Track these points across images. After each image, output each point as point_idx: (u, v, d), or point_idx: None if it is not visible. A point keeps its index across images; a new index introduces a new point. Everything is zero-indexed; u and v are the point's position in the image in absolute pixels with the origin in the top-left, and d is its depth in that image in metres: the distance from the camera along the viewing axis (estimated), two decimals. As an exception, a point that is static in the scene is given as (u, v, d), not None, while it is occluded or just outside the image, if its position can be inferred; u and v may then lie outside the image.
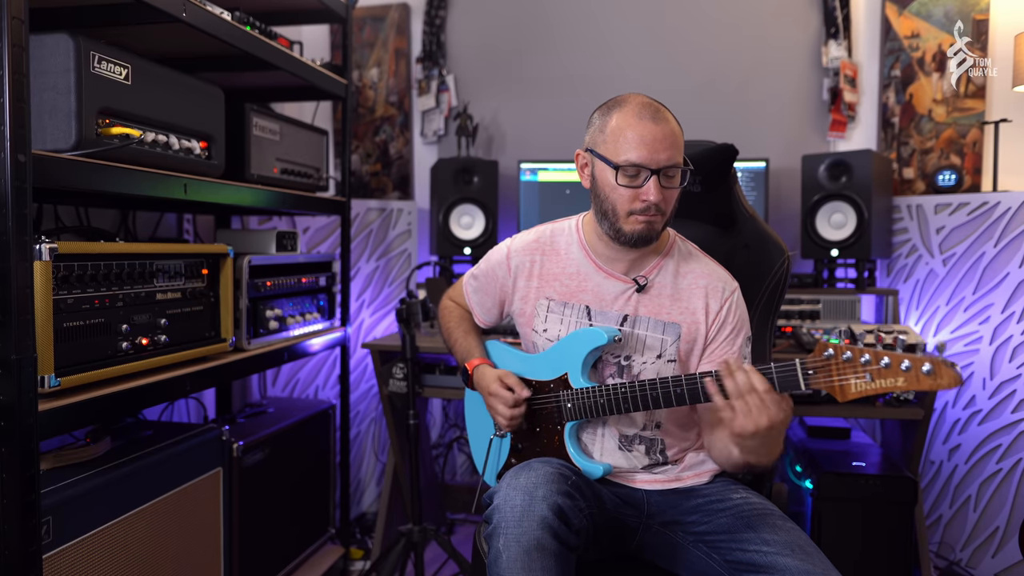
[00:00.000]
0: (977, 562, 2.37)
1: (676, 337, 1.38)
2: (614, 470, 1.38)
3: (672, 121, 1.31)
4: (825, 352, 1.11)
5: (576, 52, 2.95)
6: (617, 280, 1.40)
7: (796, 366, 1.14)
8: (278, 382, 2.91)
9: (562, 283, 1.44)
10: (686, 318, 1.38)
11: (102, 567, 1.43)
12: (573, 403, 1.37)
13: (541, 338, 1.45)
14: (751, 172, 2.58)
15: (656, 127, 1.28)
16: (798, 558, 1.17)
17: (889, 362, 1.04)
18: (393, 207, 2.92)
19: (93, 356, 1.39)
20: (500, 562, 1.13)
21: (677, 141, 1.30)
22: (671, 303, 1.39)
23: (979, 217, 2.37)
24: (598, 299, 1.41)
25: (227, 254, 1.80)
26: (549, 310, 1.44)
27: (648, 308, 1.39)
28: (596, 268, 1.42)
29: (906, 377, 1.03)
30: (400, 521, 2.55)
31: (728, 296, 1.39)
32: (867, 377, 1.07)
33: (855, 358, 1.07)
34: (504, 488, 1.20)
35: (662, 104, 1.33)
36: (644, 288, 1.39)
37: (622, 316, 1.39)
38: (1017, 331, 2.29)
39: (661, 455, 1.41)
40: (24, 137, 1.13)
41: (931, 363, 1.01)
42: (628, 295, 1.40)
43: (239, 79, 2.14)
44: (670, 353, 1.38)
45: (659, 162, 1.27)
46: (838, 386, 1.10)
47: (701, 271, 1.41)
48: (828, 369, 1.10)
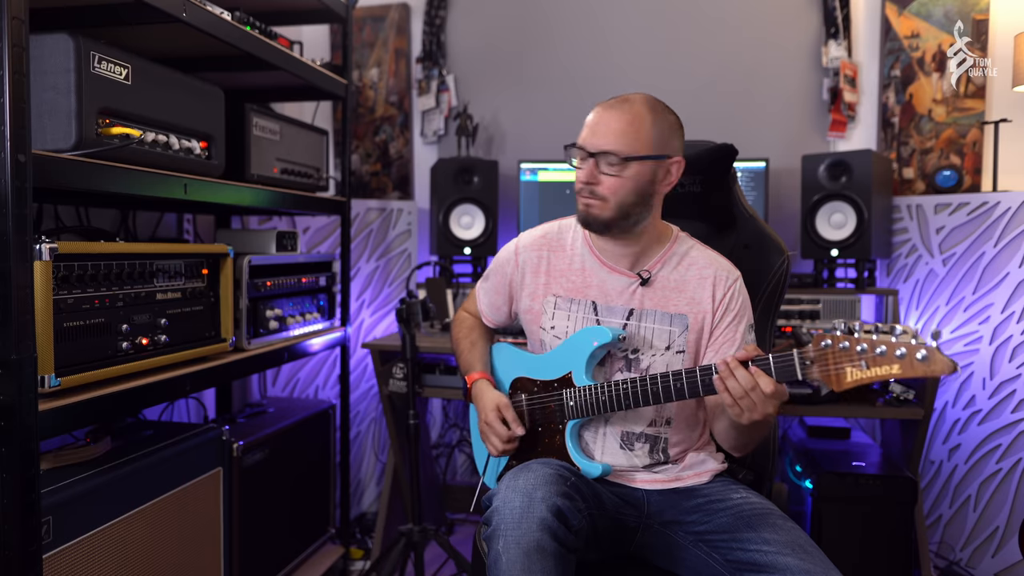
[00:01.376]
0: (977, 562, 2.37)
1: (684, 328, 1.38)
2: (614, 470, 1.39)
3: (630, 114, 1.32)
4: (822, 343, 1.11)
5: (576, 52, 2.95)
6: (621, 275, 1.42)
7: (794, 356, 1.15)
8: (278, 382, 2.91)
9: (568, 279, 1.45)
10: (692, 308, 1.39)
11: (102, 567, 1.43)
12: (575, 401, 1.37)
13: (549, 335, 1.46)
14: (751, 172, 2.58)
15: (606, 113, 1.33)
16: (798, 557, 1.17)
17: (884, 350, 1.05)
18: (393, 207, 2.92)
19: (93, 356, 1.39)
20: (500, 564, 1.13)
21: (623, 130, 1.31)
22: (676, 295, 1.40)
23: (979, 217, 2.37)
24: (604, 294, 1.42)
25: (227, 254, 1.80)
26: (556, 307, 1.45)
27: (654, 301, 1.40)
28: (600, 263, 1.43)
29: (901, 364, 1.04)
30: (400, 521, 2.55)
31: (732, 284, 1.41)
32: (863, 365, 1.07)
33: (851, 347, 1.08)
34: (503, 490, 1.21)
35: (660, 102, 1.36)
36: (648, 281, 1.40)
37: (628, 310, 1.40)
38: (1017, 331, 2.29)
39: (663, 454, 1.41)
40: (24, 137, 1.13)
41: (926, 350, 1.02)
42: (633, 289, 1.41)
43: (239, 79, 2.14)
44: (679, 344, 1.39)
45: (596, 146, 1.32)
46: (834, 375, 1.10)
47: (705, 261, 1.43)
48: (824, 359, 1.11)
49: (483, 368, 1.55)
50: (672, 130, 1.37)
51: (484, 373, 1.53)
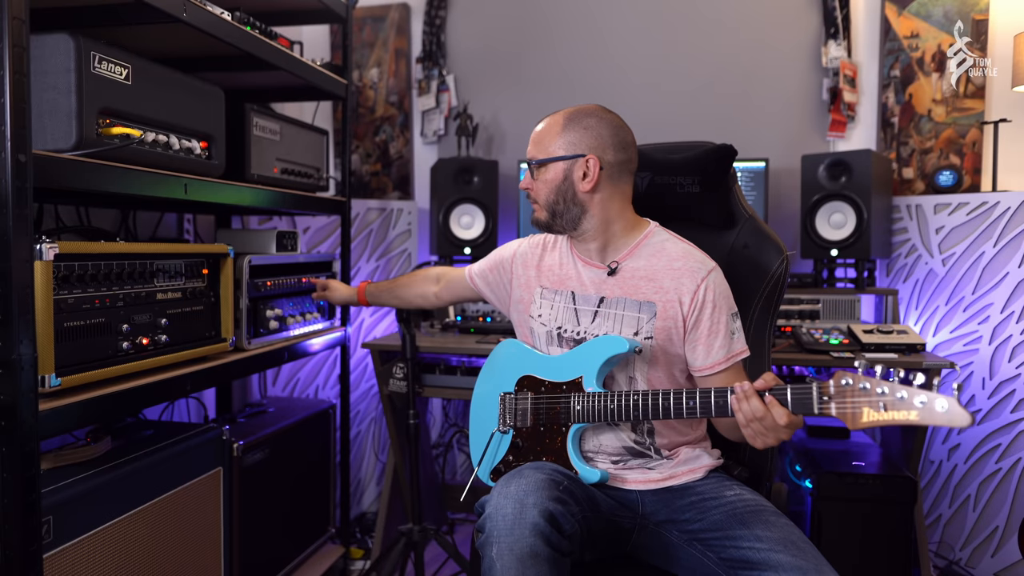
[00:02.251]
0: (977, 561, 2.37)
1: (652, 315, 1.42)
2: (610, 476, 1.40)
3: (546, 123, 1.48)
4: (843, 381, 1.10)
5: (576, 52, 2.96)
6: (593, 267, 1.50)
7: (812, 391, 1.14)
8: (278, 382, 2.91)
9: (554, 273, 1.55)
10: (660, 297, 1.42)
11: (102, 567, 1.43)
12: (583, 406, 1.39)
13: (536, 323, 1.53)
14: (751, 172, 2.59)
15: (536, 127, 1.50)
16: (791, 554, 1.18)
17: (904, 396, 1.04)
18: (393, 207, 2.92)
19: (93, 356, 1.39)
20: (494, 571, 1.14)
21: (539, 139, 1.48)
22: (645, 283, 1.44)
23: (978, 217, 2.37)
24: (580, 284, 1.51)
25: (227, 254, 1.80)
26: (542, 296, 1.55)
27: (623, 289, 1.46)
28: (577, 257, 1.53)
29: (920, 412, 1.03)
30: (400, 521, 2.56)
31: (705, 275, 1.42)
32: (881, 407, 1.06)
33: (871, 389, 1.07)
34: (495, 497, 1.21)
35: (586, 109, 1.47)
36: (615, 271, 1.47)
37: (599, 298, 1.47)
38: (1016, 331, 2.29)
39: (649, 436, 1.44)
40: (24, 137, 1.13)
41: (947, 402, 1.00)
42: (603, 279, 1.49)
43: (239, 79, 2.14)
44: (647, 331, 1.42)
45: (526, 157, 1.52)
46: (850, 413, 1.09)
47: (676, 254, 1.45)
48: (843, 395, 1.11)
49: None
50: (587, 132, 1.44)
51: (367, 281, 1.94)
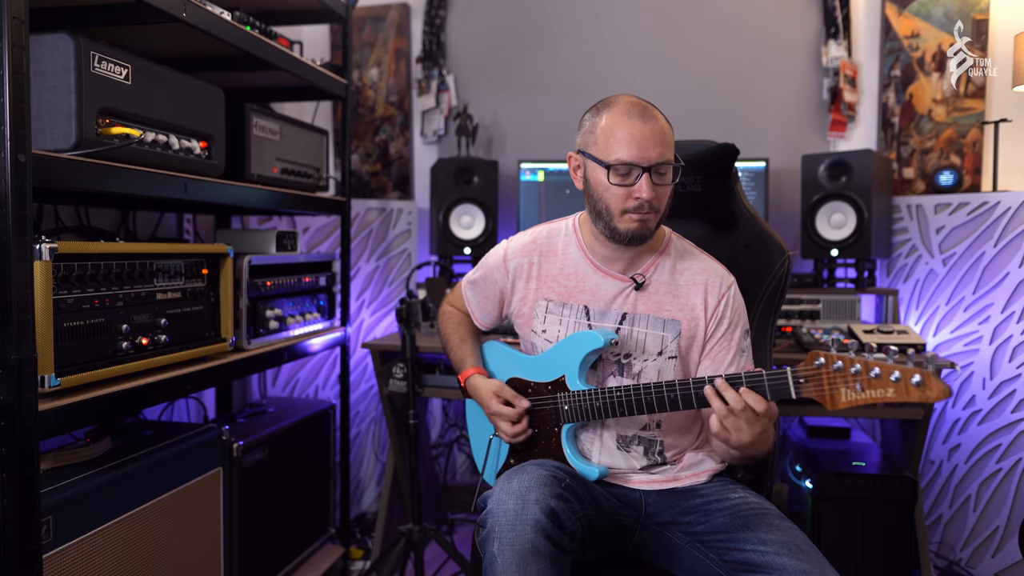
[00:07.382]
0: (977, 562, 2.37)
1: (676, 334, 1.38)
2: (611, 472, 1.39)
3: (661, 119, 1.32)
4: (816, 361, 1.11)
5: (576, 52, 2.95)
6: (615, 279, 1.41)
7: (787, 375, 1.15)
8: (278, 382, 2.91)
9: (560, 284, 1.44)
10: (685, 314, 1.38)
11: (102, 567, 1.43)
12: (571, 405, 1.37)
13: (540, 339, 1.45)
14: (751, 172, 2.58)
15: (645, 125, 1.29)
16: (795, 557, 1.17)
17: (879, 372, 1.04)
18: (393, 207, 2.92)
19: (93, 356, 1.39)
20: (495, 566, 1.14)
21: (667, 138, 1.31)
22: (670, 300, 1.39)
23: (979, 217, 2.37)
24: (596, 299, 1.41)
25: (227, 254, 1.80)
26: (548, 311, 1.44)
27: (647, 306, 1.39)
28: (594, 268, 1.42)
29: (895, 388, 1.03)
30: (400, 521, 2.55)
31: (725, 291, 1.40)
32: (857, 387, 1.07)
33: (846, 368, 1.08)
34: (497, 492, 1.21)
35: (651, 103, 1.34)
36: (642, 286, 1.40)
37: (621, 314, 1.40)
38: (1017, 331, 2.29)
39: (659, 456, 1.41)
40: (24, 137, 1.13)
41: (921, 375, 1.01)
42: (626, 293, 1.40)
43: (239, 79, 2.14)
44: (671, 350, 1.38)
45: (649, 159, 1.28)
46: (828, 395, 1.10)
47: (699, 267, 1.42)
48: (819, 378, 1.11)
49: (475, 363, 1.55)
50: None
51: (477, 368, 1.54)
